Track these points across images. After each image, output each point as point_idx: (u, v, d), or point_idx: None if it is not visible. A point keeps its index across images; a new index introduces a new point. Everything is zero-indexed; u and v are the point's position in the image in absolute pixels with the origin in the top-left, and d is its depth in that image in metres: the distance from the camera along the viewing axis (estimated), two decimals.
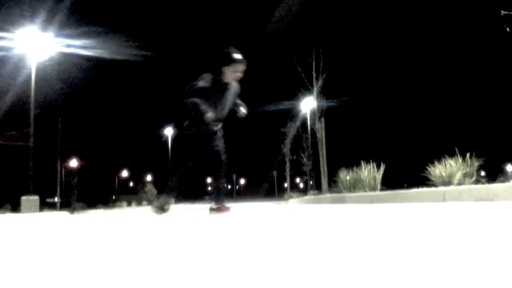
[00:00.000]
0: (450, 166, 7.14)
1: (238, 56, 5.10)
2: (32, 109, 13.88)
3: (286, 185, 40.52)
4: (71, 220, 6.95)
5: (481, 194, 4.79)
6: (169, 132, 45.52)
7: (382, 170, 9.19)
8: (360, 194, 8.53)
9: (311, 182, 26.89)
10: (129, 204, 39.01)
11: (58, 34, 16.26)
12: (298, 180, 68.38)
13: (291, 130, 30.51)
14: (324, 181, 20.60)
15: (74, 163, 42.03)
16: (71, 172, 41.93)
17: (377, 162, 9.34)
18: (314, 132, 22.00)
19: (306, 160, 26.67)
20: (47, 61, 15.96)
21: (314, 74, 21.87)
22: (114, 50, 23.90)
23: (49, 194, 38.82)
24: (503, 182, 7.52)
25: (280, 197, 46.20)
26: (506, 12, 7.63)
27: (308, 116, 24.32)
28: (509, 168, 47.16)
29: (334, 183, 11.62)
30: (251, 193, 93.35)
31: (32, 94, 13.86)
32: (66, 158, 40.98)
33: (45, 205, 24.93)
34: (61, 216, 11.02)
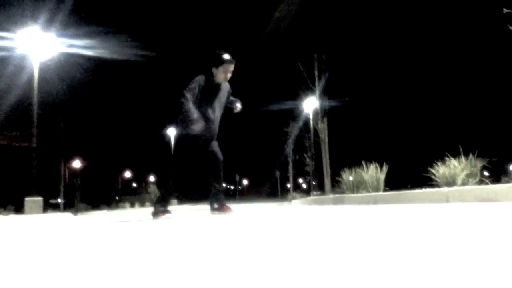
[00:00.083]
0: (453, 167, 7.09)
1: (227, 56, 5.22)
2: (35, 109, 13.87)
3: (289, 185, 40.51)
4: (75, 221, 6.95)
5: (485, 195, 4.75)
6: (171, 132, 45.54)
7: (385, 170, 9.15)
8: (363, 194, 8.49)
9: (314, 183, 26.85)
10: (132, 205, 39.06)
11: (60, 34, 16.26)
12: (301, 180, 68.30)
13: (294, 130, 30.53)
14: (327, 181, 20.60)
15: (77, 164, 42.16)
16: (74, 172, 42.07)
17: (380, 162, 9.30)
18: (316, 132, 22.00)
19: (309, 160, 26.64)
20: (50, 61, 15.97)
21: (316, 73, 21.86)
22: (116, 50, 23.95)
23: (52, 195, 38.94)
24: (507, 182, 7.47)
25: (283, 197, 46.16)
26: (508, 10, 7.57)
27: (310, 116, 24.28)
28: None
29: (337, 184, 11.59)
30: (254, 193, 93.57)
31: (35, 94, 13.87)
32: (69, 159, 41.13)
33: (48, 206, 24.99)
34: (64, 217, 11.05)
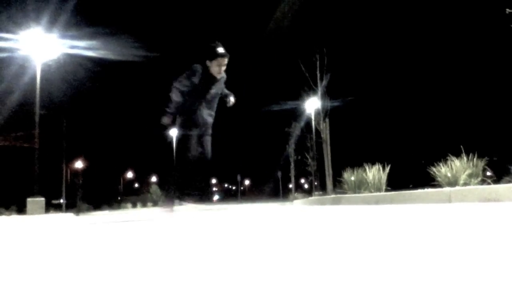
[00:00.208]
0: (455, 167, 7.09)
1: (221, 50, 5.20)
2: (37, 110, 13.90)
3: (290, 185, 40.47)
4: (76, 222, 6.97)
5: (487, 195, 4.74)
6: (173, 133, 45.56)
7: (387, 170, 9.14)
8: (365, 194, 8.48)
9: (316, 183, 26.82)
10: (134, 205, 39.06)
11: (63, 35, 16.29)
12: (303, 180, 68.29)
13: (296, 130, 30.50)
14: (329, 181, 20.57)
15: (79, 164, 42.20)
16: (76, 173, 42.10)
17: (382, 162, 9.28)
18: (318, 132, 21.97)
19: (310, 160, 26.61)
20: (52, 62, 16.01)
21: (318, 74, 21.86)
22: (119, 51, 23.98)
23: (54, 196, 38.98)
24: (509, 182, 7.45)
25: (284, 197, 46.12)
26: (511, 10, 7.56)
27: (312, 116, 24.24)
28: None
29: (339, 184, 11.59)
30: (256, 193, 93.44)
31: (37, 95, 13.89)
32: (72, 160, 41.18)
33: (50, 206, 25.03)
34: (66, 218, 11.07)
